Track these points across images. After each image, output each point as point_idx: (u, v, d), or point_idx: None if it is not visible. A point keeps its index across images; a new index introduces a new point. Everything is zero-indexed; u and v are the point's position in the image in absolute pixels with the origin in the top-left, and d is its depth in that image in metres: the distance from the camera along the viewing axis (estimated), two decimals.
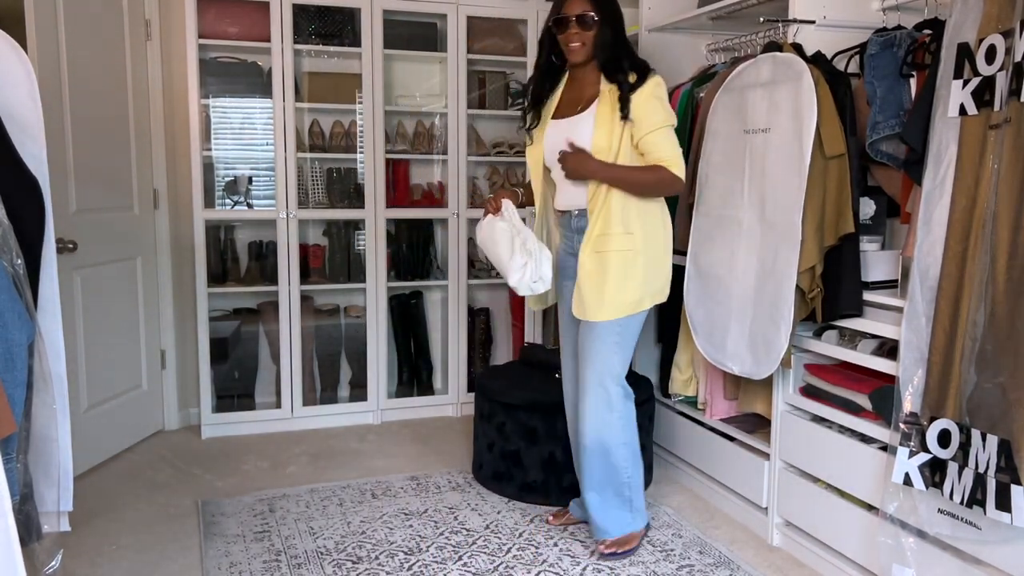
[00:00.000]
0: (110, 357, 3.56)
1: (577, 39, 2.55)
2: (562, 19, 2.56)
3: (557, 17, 2.58)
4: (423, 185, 4.32)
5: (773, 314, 2.57)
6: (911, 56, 2.47)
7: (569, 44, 2.57)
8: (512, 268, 2.61)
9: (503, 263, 2.65)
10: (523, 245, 2.62)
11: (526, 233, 2.66)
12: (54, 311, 2.15)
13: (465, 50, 4.08)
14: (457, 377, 4.28)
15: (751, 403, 3.02)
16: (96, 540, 2.82)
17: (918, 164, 2.31)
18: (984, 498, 1.99)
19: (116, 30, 3.55)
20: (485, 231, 2.71)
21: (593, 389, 2.65)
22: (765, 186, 2.61)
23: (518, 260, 2.61)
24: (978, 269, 2.06)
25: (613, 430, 2.67)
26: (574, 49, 2.57)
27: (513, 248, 2.62)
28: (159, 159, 3.83)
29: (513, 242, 2.63)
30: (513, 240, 2.63)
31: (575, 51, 2.58)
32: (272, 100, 3.81)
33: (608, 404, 2.65)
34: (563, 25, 2.56)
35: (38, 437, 2.10)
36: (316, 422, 4.06)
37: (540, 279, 2.62)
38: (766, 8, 2.99)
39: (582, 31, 2.54)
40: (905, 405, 2.23)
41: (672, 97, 3.29)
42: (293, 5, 3.78)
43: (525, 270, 2.61)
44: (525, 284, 2.63)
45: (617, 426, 2.67)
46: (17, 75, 2.06)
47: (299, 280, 3.93)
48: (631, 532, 2.76)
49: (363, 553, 2.74)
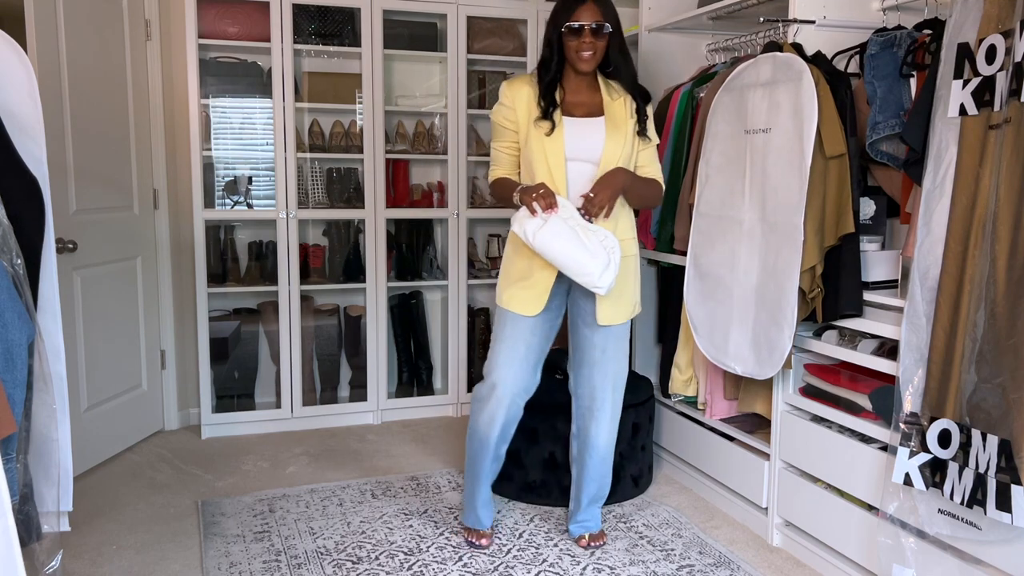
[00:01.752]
0: (110, 357, 3.56)
1: (590, 48, 2.52)
2: (576, 27, 2.50)
3: (571, 24, 2.51)
4: (423, 185, 4.32)
5: (775, 315, 2.57)
6: (911, 56, 2.47)
7: (582, 52, 2.52)
8: (599, 270, 2.39)
9: (584, 265, 2.38)
10: (603, 242, 2.40)
11: (600, 230, 2.44)
12: (54, 311, 2.15)
13: (465, 50, 4.07)
14: (457, 377, 4.28)
15: (751, 403, 3.03)
16: (96, 540, 2.82)
17: (918, 164, 2.31)
18: (984, 498, 1.99)
19: (116, 30, 3.55)
20: (547, 234, 2.37)
21: (613, 396, 2.74)
22: (766, 186, 2.61)
23: (602, 258, 2.39)
24: (978, 269, 2.06)
25: (611, 434, 2.80)
26: (586, 59, 2.53)
27: (590, 248, 2.38)
28: (159, 159, 3.83)
29: (585, 240, 2.38)
30: (583, 237, 2.38)
31: (587, 60, 2.53)
32: (272, 100, 3.81)
33: (619, 409, 2.78)
34: (577, 33, 2.51)
35: (38, 437, 2.10)
36: (316, 422, 4.06)
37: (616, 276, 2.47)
38: (766, 8, 2.99)
39: (595, 40, 2.52)
40: (905, 405, 2.23)
41: (672, 97, 3.30)
42: (293, 5, 3.78)
43: (609, 268, 2.41)
44: (612, 284, 2.45)
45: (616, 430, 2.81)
46: (17, 75, 2.06)
47: (299, 280, 3.94)
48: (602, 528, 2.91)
49: (363, 553, 2.74)
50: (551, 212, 2.38)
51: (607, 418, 2.74)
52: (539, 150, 2.55)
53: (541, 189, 2.42)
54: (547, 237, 2.37)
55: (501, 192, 2.67)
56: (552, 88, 2.59)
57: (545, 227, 2.37)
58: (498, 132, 2.67)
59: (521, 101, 2.60)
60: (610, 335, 2.67)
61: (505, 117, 2.63)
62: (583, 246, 2.38)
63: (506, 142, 2.65)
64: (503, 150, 2.67)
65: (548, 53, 2.61)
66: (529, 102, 2.59)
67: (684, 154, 3.16)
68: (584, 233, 2.39)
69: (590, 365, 2.72)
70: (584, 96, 2.62)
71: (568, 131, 2.56)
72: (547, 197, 2.40)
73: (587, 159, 2.56)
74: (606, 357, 2.69)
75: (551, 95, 2.58)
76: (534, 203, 2.39)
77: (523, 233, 2.41)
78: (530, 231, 2.39)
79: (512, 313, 2.62)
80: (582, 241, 2.38)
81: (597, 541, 2.81)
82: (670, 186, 3.21)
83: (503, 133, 2.65)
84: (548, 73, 2.59)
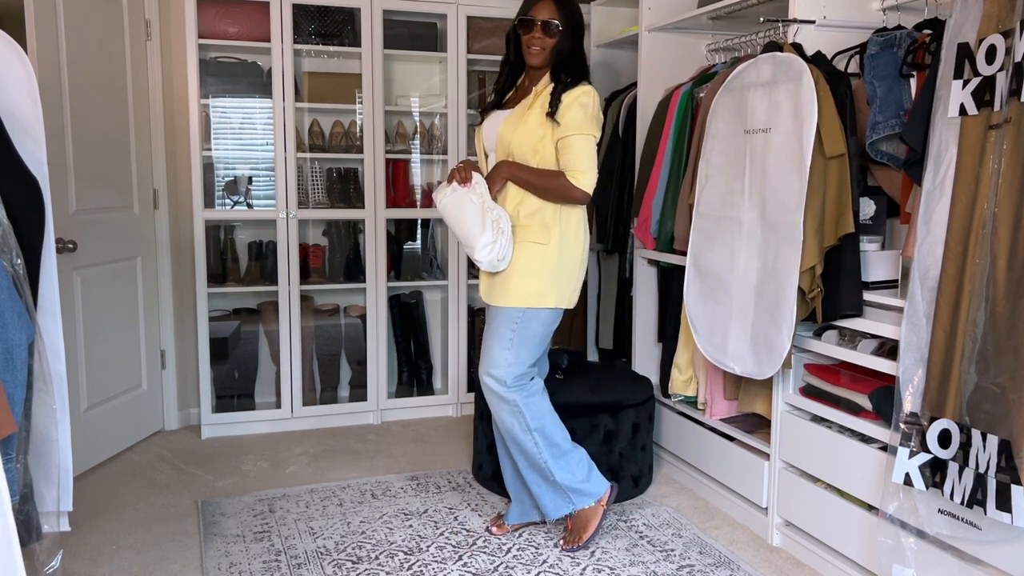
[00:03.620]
0: (110, 357, 3.56)
1: (538, 43, 2.63)
2: (528, 21, 2.63)
3: (523, 19, 2.64)
4: (423, 185, 4.32)
5: (775, 314, 2.57)
6: (911, 56, 2.46)
7: (531, 47, 2.64)
8: (481, 244, 2.57)
9: (471, 237, 2.58)
10: (495, 222, 2.58)
11: (499, 210, 2.62)
12: (54, 311, 2.15)
13: (465, 50, 4.08)
14: (457, 377, 4.28)
15: (751, 403, 3.03)
16: (96, 540, 2.82)
17: (918, 164, 2.31)
18: (984, 498, 1.99)
19: (116, 30, 3.55)
20: (450, 200, 2.62)
21: (482, 378, 2.70)
22: (765, 186, 2.61)
23: (488, 236, 2.57)
24: (978, 269, 2.06)
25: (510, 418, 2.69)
26: (534, 52, 2.64)
27: (484, 223, 2.57)
28: (159, 159, 3.83)
29: (484, 217, 2.57)
30: (484, 215, 2.58)
31: (535, 54, 2.65)
32: (272, 100, 3.81)
33: (496, 395, 2.68)
34: (528, 27, 2.64)
35: (38, 437, 2.10)
36: (316, 422, 4.06)
37: (503, 258, 2.62)
38: (766, 8, 2.99)
39: (544, 36, 2.62)
40: (905, 405, 2.23)
41: (672, 97, 3.30)
42: (293, 5, 3.78)
43: (494, 247, 2.58)
44: (491, 261, 2.60)
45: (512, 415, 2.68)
46: (17, 75, 2.06)
47: (299, 280, 3.94)
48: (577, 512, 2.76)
49: (363, 553, 2.74)
50: (465, 185, 2.61)
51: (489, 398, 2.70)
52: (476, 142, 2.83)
53: (462, 164, 2.67)
54: (447, 203, 2.63)
55: None
56: (506, 83, 2.76)
57: (450, 195, 2.62)
58: None
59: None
60: (491, 318, 2.71)
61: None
62: (478, 220, 2.57)
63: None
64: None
65: (506, 49, 2.76)
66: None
67: (684, 154, 3.15)
68: (485, 211, 2.59)
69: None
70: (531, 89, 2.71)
71: (487, 124, 2.75)
72: (463, 172, 2.63)
73: (494, 148, 2.71)
74: (487, 334, 2.72)
75: (502, 90, 2.77)
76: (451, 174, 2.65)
77: (437, 199, 2.67)
78: (439, 197, 2.66)
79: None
80: (479, 216, 2.58)
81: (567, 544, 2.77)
82: (670, 186, 3.21)
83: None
84: (506, 66, 2.76)
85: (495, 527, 2.90)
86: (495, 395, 2.67)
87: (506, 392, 2.65)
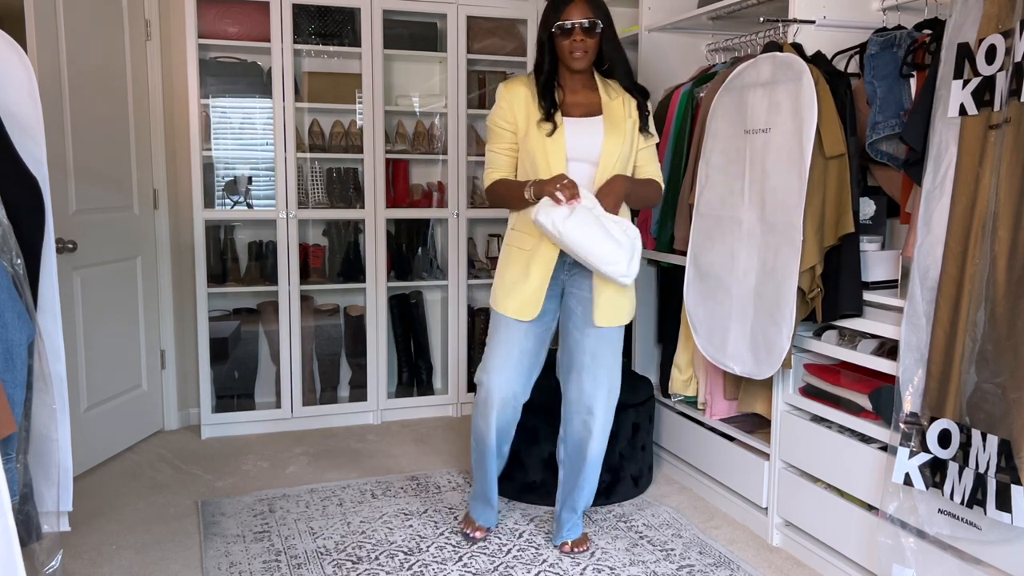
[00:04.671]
0: (110, 357, 3.56)
1: (581, 47, 2.51)
2: (567, 26, 2.50)
3: (562, 24, 2.51)
4: (423, 185, 4.32)
5: (774, 314, 2.57)
6: (911, 56, 2.47)
7: (574, 52, 2.51)
8: (623, 258, 2.36)
9: (609, 253, 2.34)
10: (625, 231, 2.38)
11: (619, 219, 2.41)
12: (54, 311, 2.15)
13: (465, 50, 4.07)
14: (457, 377, 4.28)
15: (751, 403, 3.03)
16: (96, 540, 2.82)
17: (918, 164, 2.31)
18: (984, 498, 1.99)
19: (116, 30, 3.55)
20: (573, 223, 2.31)
21: (606, 403, 2.68)
22: (765, 186, 2.61)
23: (627, 249, 2.37)
24: (978, 269, 2.06)
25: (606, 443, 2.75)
26: (578, 57, 2.52)
27: (615, 236, 2.35)
28: (159, 159, 3.83)
29: (608, 229, 2.35)
30: (607, 227, 2.35)
31: (579, 59, 2.52)
32: (272, 100, 3.81)
33: (611, 417, 2.71)
34: (568, 32, 2.51)
35: (38, 437, 2.10)
36: (316, 422, 4.06)
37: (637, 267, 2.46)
38: (766, 8, 2.99)
39: (586, 39, 2.51)
40: (905, 405, 2.23)
41: (672, 97, 3.30)
42: (293, 5, 3.78)
43: (635, 259, 2.40)
44: (636, 274, 2.42)
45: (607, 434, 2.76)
46: (17, 75, 2.06)
47: (299, 280, 3.94)
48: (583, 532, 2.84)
49: (363, 553, 2.74)
50: (575, 202, 2.34)
51: (598, 426, 2.67)
52: (540, 151, 2.53)
53: (564, 180, 2.39)
54: (574, 226, 2.31)
55: (505, 192, 2.63)
56: (549, 89, 2.58)
57: (572, 216, 2.31)
58: (495, 135, 2.64)
59: (519, 102, 2.58)
60: (602, 339, 2.62)
61: (503, 119, 2.61)
62: (609, 236, 2.34)
63: (504, 144, 2.63)
64: (501, 152, 2.64)
65: (540, 56, 2.60)
66: (527, 103, 2.58)
67: (684, 154, 3.16)
68: (608, 223, 2.36)
69: (579, 370, 2.66)
70: (581, 96, 2.61)
71: (568, 131, 2.55)
72: (571, 187, 2.36)
73: (586, 159, 2.55)
74: (596, 363, 2.63)
75: (550, 96, 2.57)
76: (558, 192, 2.35)
77: (550, 223, 2.33)
78: (558, 220, 2.32)
79: (506, 317, 2.61)
80: (608, 231, 2.34)
81: (580, 547, 2.75)
82: (670, 186, 3.21)
83: (501, 135, 2.63)
84: (542, 75, 2.58)
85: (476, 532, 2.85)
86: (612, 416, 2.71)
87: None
